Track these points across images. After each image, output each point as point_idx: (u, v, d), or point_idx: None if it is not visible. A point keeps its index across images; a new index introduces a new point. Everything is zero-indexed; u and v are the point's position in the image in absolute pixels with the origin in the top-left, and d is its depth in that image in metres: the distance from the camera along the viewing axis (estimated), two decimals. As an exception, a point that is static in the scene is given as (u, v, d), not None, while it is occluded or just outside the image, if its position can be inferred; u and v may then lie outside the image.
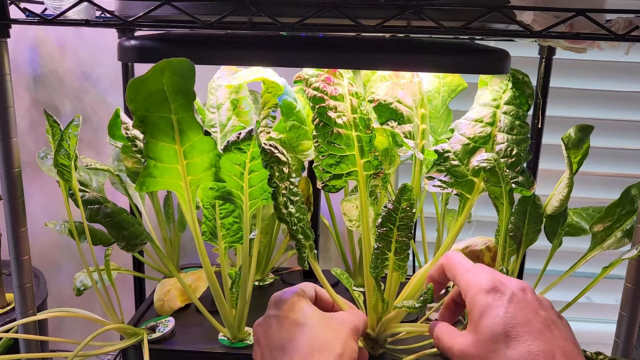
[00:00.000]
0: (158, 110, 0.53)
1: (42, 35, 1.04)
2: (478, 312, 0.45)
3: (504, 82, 0.67)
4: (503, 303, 0.44)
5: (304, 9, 0.51)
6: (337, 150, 0.60)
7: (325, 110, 0.59)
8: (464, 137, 0.65)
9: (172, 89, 0.52)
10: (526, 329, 0.43)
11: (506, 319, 0.43)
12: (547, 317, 0.45)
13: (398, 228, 0.59)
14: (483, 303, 0.45)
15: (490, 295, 0.45)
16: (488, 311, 0.44)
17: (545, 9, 0.51)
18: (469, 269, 0.49)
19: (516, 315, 0.43)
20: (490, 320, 0.44)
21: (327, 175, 0.61)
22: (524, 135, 0.65)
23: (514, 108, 0.65)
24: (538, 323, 0.43)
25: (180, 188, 0.60)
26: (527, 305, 0.45)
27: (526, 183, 0.63)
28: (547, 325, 0.44)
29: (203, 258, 0.66)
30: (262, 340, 0.53)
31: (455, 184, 0.64)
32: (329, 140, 0.60)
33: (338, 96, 0.60)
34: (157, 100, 0.52)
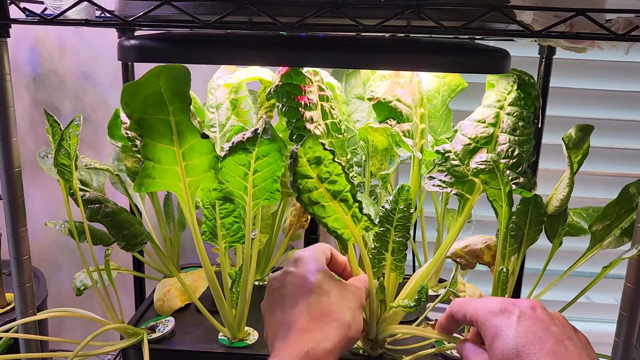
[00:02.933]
0: (156, 112, 0.54)
1: (42, 35, 1.04)
2: (490, 336, 0.45)
3: (509, 83, 0.66)
4: (512, 323, 0.44)
5: (304, 9, 0.51)
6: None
7: (303, 124, 0.58)
8: (465, 138, 0.65)
9: (169, 92, 0.53)
10: (537, 347, 0.43)
11: (516, 339, 0.43)
12: (559, 333, 0.44)
13: (395, 228, 0.59)
14: (493, 325, 0.45)
15: (499, 317, 0.45)
16: (499, 333, 0.44)
17: (545, 8, 0.51)
18: (476, 300, 0.50)
19: (526, 334, 0.43)
20: (502, 342, 0.44)
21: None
22: (527, 137, 0.64)
23: (518, 109, 0.65)
24: (550, 340, 0.43)
25: (180, 189, 0.60)
26: (537, 322, 0.45)
27: (527, 184, 0.63)
28: (561, 341, 0.44)
29: (203, 258, 0.66)
30: (275, 294, 0.54)
31: (455, 183, 0.64)
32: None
33: (312, 105, 0.60)
34: (154, 103, 0.53)
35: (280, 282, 0.55)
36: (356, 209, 0.56)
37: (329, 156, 0.52)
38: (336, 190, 0.54)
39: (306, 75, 0.60)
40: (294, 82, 0.59)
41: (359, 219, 0.56)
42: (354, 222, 0.57)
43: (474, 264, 0.74)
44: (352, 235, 0.57)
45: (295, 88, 0.59)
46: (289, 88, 0.59)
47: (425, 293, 0.56)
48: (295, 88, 0.59)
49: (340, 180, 0.54)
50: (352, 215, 0.56)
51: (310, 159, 0.51)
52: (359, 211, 0.56)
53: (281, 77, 0.59)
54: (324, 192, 0.54)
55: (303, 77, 0.60)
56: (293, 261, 0.56)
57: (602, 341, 0.71)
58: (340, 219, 0.56)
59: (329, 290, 0.53)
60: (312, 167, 0.52)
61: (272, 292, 0.55)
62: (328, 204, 0.54)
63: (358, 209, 0.55)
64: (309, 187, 0.53)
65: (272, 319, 0.54)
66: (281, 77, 0.59)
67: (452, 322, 0.53)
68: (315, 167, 0.52)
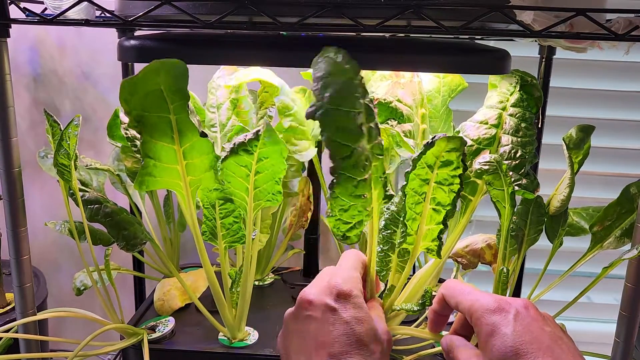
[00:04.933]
0: (156, 110, 0.53)
1: (42, 35, 1.04)
2: (486, 333, 0.45)
3: (512, 84, 0.66)
4: (509, 322, 0.44)
5: (304, 9, 0.51)
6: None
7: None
8: (467, 139, 0.64)
9: (169, 89, 0.52)
10: (535, 346, 0.43)
11: (514, 337, 0.43)
12: (553, 333, 0.45)
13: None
14: (490, 323, 0.45)
15: (495, 315, 0.45)
16: (495, 331, 0.44)
17: (545, 8, 0.51)
18: (470, 292, 0.49)
19: (523, 333, 0.43)
20: (499, 340, 0.44)
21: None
22: (530, 138, 0.64)
23: (521, 110, 0.65)
24: (546, 339, 0.43)
25: (180, 188, 0.60)
26: (532, 322, 0.45)
27: (530, 186, 0.63)
28: (555, 341, 0.44)
29: (203, 258, 0.66)
30: (312, 330, 0.47)
31: (462, 189, 0.64)
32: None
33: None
34: (154, 100, 0.52)
35: (319, 314, 0.48)
36: (436, 229, 0.55)
37: (458, 170, 0.52)
38: (437, 199, 0.54)
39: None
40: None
41: (429, 238, 0.56)
42: (425, 236, 0.56)
43: (476, 263, 0.74)
44: (414, 244, 0.56)
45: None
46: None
47: (429, 297, 0.55)
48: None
49: (449, 196, 0.53)
50: (429, 230, 0.55)
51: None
52: (437, 233, 0.55)
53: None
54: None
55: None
56: (336, 294, 0.48)
57: (602, 341, 0.71)
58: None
59: (375, 350, 0.47)
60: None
61: (305, 320, 0.48)
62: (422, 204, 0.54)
63: (438, 232, 0.55)
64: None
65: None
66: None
67: (445, 306, 0.52)
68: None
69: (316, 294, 0.49)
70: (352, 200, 0.48)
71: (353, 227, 0.51)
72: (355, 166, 0.46)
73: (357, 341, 0.46)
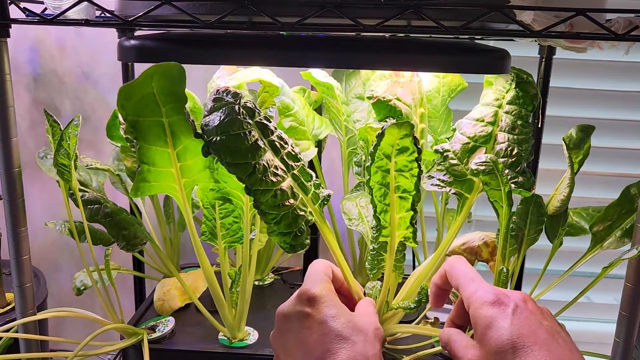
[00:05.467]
0: (149, 114, 0.53)
1: (42, 35, 1.04)
2: (483, 325, 0.45)
3: (507, 82, 0.66)
4: (507, 315, 0.44)
5: (304, 8, 0.51)
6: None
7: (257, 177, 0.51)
8: (464, 137, 0.64)
9: (162, 92, 0.52)
10: (532, 340, 0.43)
11: (512, 330, 0.43)
12: (550, 327, 0.45)
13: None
14: (488, 315, 0.45)
15: (494, 307, 0.45)
16: (493, 324, 0.44)
17: (545, 8, 0.51)
18: (473, 279, 0.49)
19: (521, 326, 0.44)
20: (496, 333, 0.44)
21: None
22: (526, 135, 0.64)
23: (517, 108, 0.65)
24: (543, 333, 0.44)
25: (175, 191, 0.59)
26: (530, 315, 0.45)
27: (526, 184, 0.63)
28: (552, 335, 0.44)
29: (201, 258, 0.65)
30: (291, 336, 0.49)
31: (454, 183, 0.64)
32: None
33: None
34: (147, 105, 0.52)
35: (296, 324, 0.49)
36: (408, 216, 0.55)
37: (414, 154, 0.51)
38: (402, 186, 0.53)
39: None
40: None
41: (404, 226, 0.56)
42: (399, 225, 0.56)
43: (473, 261, 0.74)
44: (390, 235, 0.56)
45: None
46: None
47: (425, 294, 0.55)
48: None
49: (411, 181, 0.53)
50: (401, 218, 0.55)
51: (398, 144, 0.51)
52: (410, 220, 0.55)
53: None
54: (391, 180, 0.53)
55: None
56: (307, 300, 0.49)
57: (602, 341, 0.71)
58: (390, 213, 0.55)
59: (356, 340, 0.47)
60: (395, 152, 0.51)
61: (285, 333, 0.50)
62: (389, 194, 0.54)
63: (410, 219, 0.55)
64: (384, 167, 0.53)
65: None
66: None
67: (446, 281, 0.52)
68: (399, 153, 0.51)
69: (289, 307, 0.50)
70: (281, 210, 0.50)
71: (295, 234, 0.52)
72: (264, 180, 0.49)
73: (337, 337, 0.47)
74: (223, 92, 0.50)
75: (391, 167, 0.53)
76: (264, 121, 0.51)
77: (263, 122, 0.50)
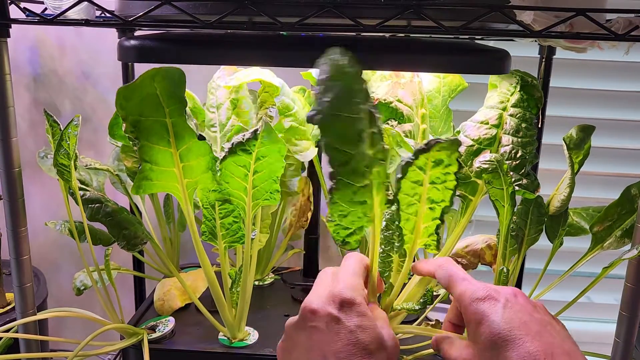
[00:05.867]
0: (152, 114, 0.53)
1: (42, 35, 1.04)
2: (475, 321, 0.45)
3: (512, 84, 0.66)
4: (498, 309, 0.45)
5: (304, 8, 0.51)
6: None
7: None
8: (468, 139, 0.65)
9: (165, 94, 0.52)
10: (523, 331, 0.43)
11: (502, 324, 0.44)
12: (541, 319, 0.45)
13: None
14: (479, 311, 0.45)
15: (484, 303, 0.46)
16: (484, 319, 0.45)
17: (545, 8, 0.51)
18: (463, 278, 0.49)
19: (512, 319, 0.44)
20: (488, 328, 0.44)
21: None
22: (530, 138, 0.64)
23: (521, 111, 0.65)
24: (534, 324, 0.44)
25: (178, 190, 0.60)
26: (521, 309, 0.45)
27: (530, 186, 0.63)
28: (544, 326, 0.44)
29: (202, 258, 0.66)
30: (316, 338, 0.46)
31: (458, 185, 0.64)
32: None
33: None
34: (150, 104, 0.52)
35: (323, 324, 0.46)
36: (433, 227, 0.54)
37: (453, 167, 0.50)
38: (435, 199, 0.52)
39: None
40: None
41: (426, 234, 0.55)
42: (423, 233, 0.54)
43: (476, 264, 0.74)
44: (410, 243, 0.55)
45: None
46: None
47: (430, 296, 0.55)
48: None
49: (446, 194, 0.52)
50: (427, 227, 0.54)
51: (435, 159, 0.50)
52: (435, 230, 0.54)
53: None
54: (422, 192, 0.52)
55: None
56: (339, 302, 0.46)
57: (602, 341, 0.71)
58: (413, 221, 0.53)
59: (378, 356, 0.45)
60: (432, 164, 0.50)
61: (310, 330, 0.46)
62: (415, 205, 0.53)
63: (435, 228, 0.54)
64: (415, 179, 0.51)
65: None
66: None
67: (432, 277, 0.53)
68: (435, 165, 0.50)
69: (319, 304, 0.47)
70: (352, 207, 0.48)
71: (353, 232, 0.50)
72: (354, 173, 0.46)
73: (363, 349, 0.45)
74: (344, 59, 0.45)
75: (424, 180, 0.51)
76: (373, 109, 0.46)
77: (372, 111, 0.45)
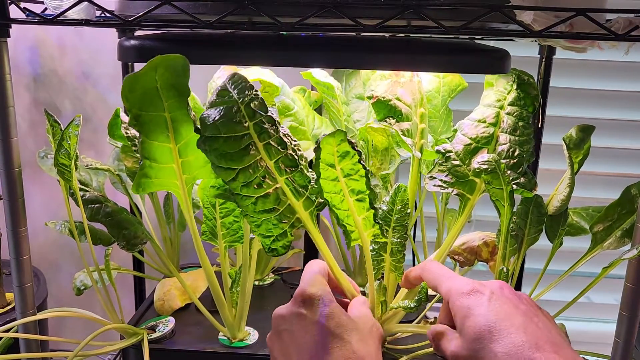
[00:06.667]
0: (151, 108, 0.52)
1: (42, 35, 1.04)
2: (461, 315, 0.46)
3: (509, 83, 0.66)
4: (483, 302, 0.46)
5: (304, 8, 0.51)
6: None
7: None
8: (466, 138, 0.65)
9: (164, 86, 0.51)
10: (508, 323, 0.44)
11: (488, 316, 0.44)
12: (527, 310, 0.46)
13: (393, 229, 0.59)
14: (464, 306, 0.46)
15: (470, 297, 0.47)
16: (470, 312, 0.46)
17: (545, 8, 0.51)
18: (450, 277, 0.50)
19: (497, 312, 0.45)
20: (473, 321, 0.45)
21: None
22: (528, 137, 0.64)
23: (518, 109, 0.65)
24: (519, 316, 0.44)
25: (177, 187, 0.59)
26: (506, 301, 0.46)
27: (528, 184, 0.63)
28: (530, 318, 0.45)
29: (202, 258, 0.65)
30: (287, 337, 0.49)
31: (456, 184, 0.64)
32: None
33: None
34: (150, 99, 0.52)
35: (291, 325, 0.49)
36: (370, 215, 0.55)
37: (355, 156, 0.52)
38: (355, 189, 0.54)
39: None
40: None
41: (369, 225, 0.56)
42: (364, 225, 0.56)
43: (473, 261, 0.74)
44: (359, 238, 0.57)
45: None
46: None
47: (425, 293, 0.56)
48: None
49: (362, 182, 0.53)
50: (365, 218, 0.55)
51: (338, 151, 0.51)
52: (373, 218, 0.55)
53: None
54: (343, 187, 0.53)
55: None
56: (301, 300, 0.49)
57: (602, 341, 0.71)
58: (352, 216, 0.55)
59: (349, 339, 0.48)
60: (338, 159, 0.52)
61: (281, 334, 0.50)
62: (345, 199, 0.54)
63: (373, 217, 0.55)
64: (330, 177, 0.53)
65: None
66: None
67: (419, 282, 0.54)
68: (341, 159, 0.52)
69: (286, 307, 0.51)
70: (262, 216, 0.51)
71: (275, 239, 0.52)
72: (247, 186, 0.50)
73: (330, 335, 0.47)
74: (232, 85, 0.50)
75: (339, 174, 0.53)
76: (264, 124, 0.50)
77: (262, 126, 0.50)
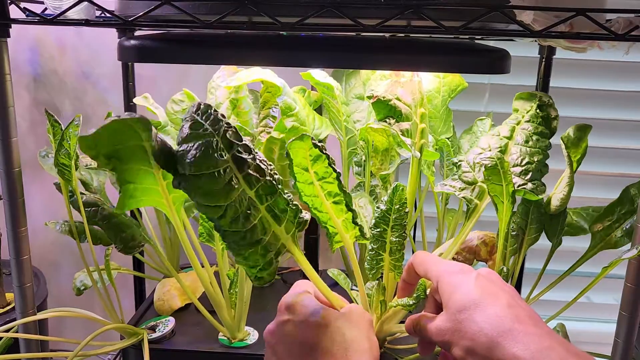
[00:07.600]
0: (128, 140, 0.45)
1: (42, 35, 1.04)
2: (448, 291, 0.47)
3: (529, 104, 0.69)
4: (471, 280, 0.47)
5: (304, 8, 0.51)
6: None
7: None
8: (479, 148, 0.67)
9: (138, 125, 0.44)
10: (493, 299, 0.45)
11: (475, 290, 0.45)
12: (512, 294, 0.46)
13: (392, 228, 0.59)
14: (452, 282, 0.47)
15: (459, 275, 0.48)
16: (457, 288, 0.47)
17: (545, 8, 0.51)
18: (439, 261, 0.52)
19: (484, 287, 0.46)
20: (459, 294, 0.46)
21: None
22: (539, 149, 0.66)
23: (534, 124, 0.67)
24: (504, 296, 0.45)
25: (164, 206, 0.57)
26: (493, 282, 0.47)
27: (535, 191, 0.65)
28: (514, 299, 0.45)
29: (194, 264, 0.65)
30: (280, 349, 0.50)
31: (464, 189, 0.65)
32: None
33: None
34: (124, 132, 0.44)
35: (280, 336, 0.51)
36: (349, 217, 0.55)
37: (326, 160, 0.52)
38: (332, 192, 0.54)
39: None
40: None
41: (351, 227, 0.56)
42: (345, 227, 0.56)
43: (472, 260, 0.74)
44: (342, 240, 0.57)
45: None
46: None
47: (423, 290, 0.56)
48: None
49: (335, 184, 0.53)
50: (344, 220, 0.56)
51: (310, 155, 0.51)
52: (352, 220, 0.55)
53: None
54: (319, 190, 0.53)
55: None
56: (285, 309, 0.52)
57: (602, 341, 0.71)
58: (333, 220, 0.55)
59: (339, 326, 0.50)
60: (311, 162, 0.51)
61: (274, 347, 0.51)
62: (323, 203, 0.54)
63: (351, 218, 0.55)
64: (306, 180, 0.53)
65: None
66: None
67: (413, 274, 0.55)
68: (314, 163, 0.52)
69: (272, 323, 0.52)
70: (249, 248, 0.49)
71: (262, 268, 0.51)
72: (235, 221, 0.46)
73: (317, 326, 0.49)
74: (202, 115, 0.45)
75: (312, 177, 0.53)
76: (241, 154, 0.46)
77: (240, 156, 0.46)
